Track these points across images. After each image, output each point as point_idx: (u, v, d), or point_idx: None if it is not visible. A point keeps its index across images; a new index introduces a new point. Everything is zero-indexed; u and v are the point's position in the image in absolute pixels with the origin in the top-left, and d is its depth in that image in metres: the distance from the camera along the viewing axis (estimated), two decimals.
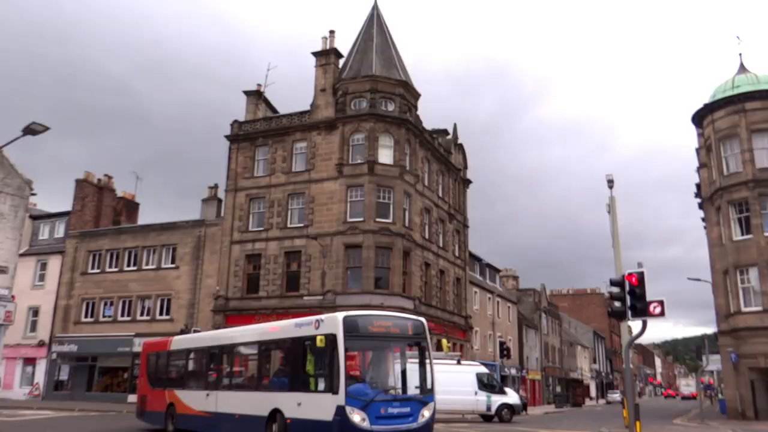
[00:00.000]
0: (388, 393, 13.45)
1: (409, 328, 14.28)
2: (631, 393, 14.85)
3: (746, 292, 31.44)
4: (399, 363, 14.55)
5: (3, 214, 21.46)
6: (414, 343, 14.37)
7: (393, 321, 14.36)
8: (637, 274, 13.22)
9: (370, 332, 13.53)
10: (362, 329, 13.40)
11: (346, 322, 13.07)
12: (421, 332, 14.36)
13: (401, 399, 13.38)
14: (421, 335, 14.34)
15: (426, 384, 14.03)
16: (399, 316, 15.40)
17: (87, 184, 44.87)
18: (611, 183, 20.56)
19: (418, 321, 14.65)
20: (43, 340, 41.59)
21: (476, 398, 30.12)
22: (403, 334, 14.11)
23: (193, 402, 18.22)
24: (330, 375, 12.93)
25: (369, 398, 12.67)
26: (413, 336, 14.28)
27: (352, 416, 12.39)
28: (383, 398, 13.01)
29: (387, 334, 13.86)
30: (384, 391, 13.46)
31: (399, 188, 35.14)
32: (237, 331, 18.86)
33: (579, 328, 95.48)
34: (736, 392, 32.12)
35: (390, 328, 13.93)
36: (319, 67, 38.47)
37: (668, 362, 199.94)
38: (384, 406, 12.87)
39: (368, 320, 13.88)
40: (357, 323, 13.41)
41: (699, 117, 35.72)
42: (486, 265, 58.37)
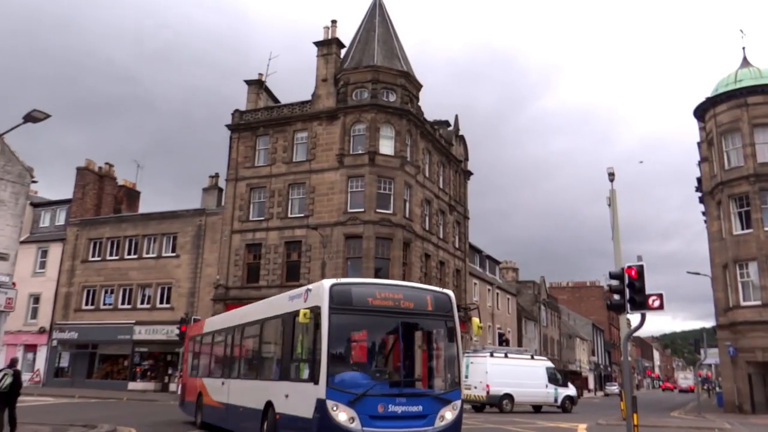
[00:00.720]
0: (392, 385, 10.56)
1: (429, 302, 11.19)
2: (629, 385, 14.90)
3: (745, 286, 31.52)
4: (413, 347, 11.82)
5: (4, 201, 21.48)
6: (436, 321, 11.43)
7: (405, 292, 11.19)
8: (637, 267, 13.23)
9: (370, 306, 10.63)
10: (358, 302, 10.59)
11: (333, 293, 10.38)
12: (447, 309, 11.34)
13: (409, 394, 10.41)
14: (446, 312, 11.30)
15: (452, 376, 11.18)
16: (414, 286, 12.32)
17: (88, 172, 44.89)
18: (612, 176, 20.57)
19: (441, 294, 11.55)
20: (43, 327, 41.77)
21: (547, 391, 32.70)
22: (419, 309, 11.07)
23: (213, 392, 16.33)
24: (312, 360, 10.39)
25: (360, 391, 9.91)
26: (434, 313, 11.23)
27: (336, 414, 9.76)
28: (382, 392, 10.16)
29: (395, 309, 10.80)
30: (387, 383, 10.64)
31: (399, 179, 35.13)
32: (251, 308, 16.01)
33: (578, 320, 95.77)
34: (733, 386, 32.26)
35: (400, 301, 10.88)
36: (321, 57, 38.38)
37: (666, 355, 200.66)
38: (383, 402, 10.04)
39: (367, 290, 10.94)
40: (350, 294, 10.61)
41: (701, 111, 35.65)
42: (486, 256, 58.46)
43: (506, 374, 30.82)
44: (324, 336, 10.03)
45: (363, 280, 12.11)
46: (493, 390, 30.29)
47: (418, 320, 11.40)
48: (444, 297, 11.52)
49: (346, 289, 10.66)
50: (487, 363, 30.94)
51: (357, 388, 10.03)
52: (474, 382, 30.61)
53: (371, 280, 13.00)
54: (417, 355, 11.88)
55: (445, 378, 11.33)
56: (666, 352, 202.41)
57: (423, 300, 11.21)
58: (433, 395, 10.78)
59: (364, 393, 9.94)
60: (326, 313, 10.16)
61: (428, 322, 11.52)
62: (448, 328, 11.36)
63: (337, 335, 10.29)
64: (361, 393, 9.93)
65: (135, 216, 43.45)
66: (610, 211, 20.30)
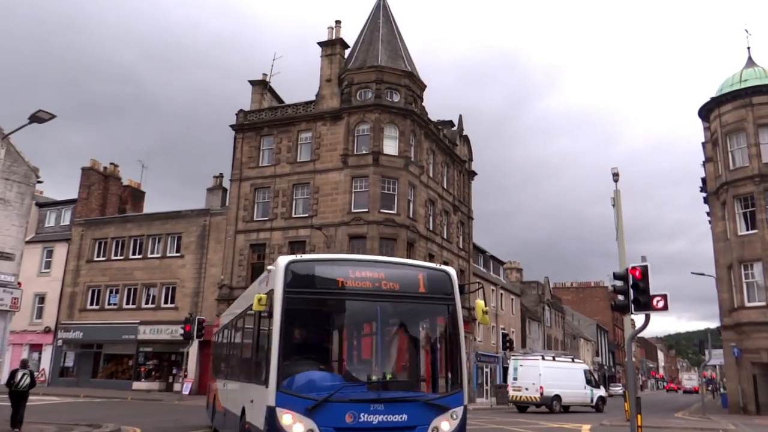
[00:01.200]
0: (368, 388, 8.09)
1: (421, 282, 8.79)
2: (633, 386, 14.90)
3: (750, 287, 31.43)
4: (400, 339, 9.32)
5: (9, 201, 21.57)
6: (431, 306, 9.03)
7: (389, 270, 8.78)
8: (641, 267, 13.22)
9: (340, 288, 8.41)
10: (323, 283, 8.41)
11: (291, 272, 8.25)
12: (445, 290, 8.90)
13: (390, 400, 7.94)
14: (445, 295, 8.87)
15: (452, 375, 8.76)
16: (402, 262, 9.98)
17: (93, 172, 45.04)
18: (616, 176, 20.54)
19: (438, 272, 9.20)
20: (48, 327, 41.92)
21: (585, 392, 34.73)
22: (407, 291, 8.74)
23: (219, 394, 14.69)
24: (266, 357, 8.33)
25: (322, 395, 7.72)
26: (428, 295, 8.84)
27: (289, 426, 7.70)
28: (353, 397, 7.86)
29: (375, 291, 8.47)
30: (361, 384, 8.15)
31: (404, 179, 35.15)
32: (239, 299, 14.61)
33: (582, 321, 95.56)
34: (738, 387, 32.17)
35: (382, 281, 8.53)
36: (325, 57, 38.43)
37: (671, 356, 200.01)
38: (354, 409, 7.77)
39: (336, 268, 8.63)
40: (312, 273, 8.42)
41: (706, 111, 35.55)
42: (490, 257, 58.41)
43: (555, 376, 32.77)
44: (275, 326, 7.92)
45: (332, 256, 9.32)
46: (546, 391, 32.14)
47: (407, 305, 8.86)
48: (442, 275, 9.03)
49: (307, 267, 8.36)
50: (540, 365, 32.77)
51: (318, 391, 7.79)
52: (525, 383, 32.63)
53: (344, 255, 10.06)
54: (405, 349, 9.32)
55: (442, 378, 8.87)
56: (670, 353, 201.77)
57: (413, 280, 8.79)
58: (424, 400, 8.24)
59: (327, 398, 7.68)
60: (279, 297, 8.04)
61: (421, 308, 9.02)
62: (448, 315, 8.85)
63: (292, 325, 8.19)
64: (324, 398, 7.68)
65: (139, 216, 43.57)
66: (614, 211, 20.27)
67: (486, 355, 50.28)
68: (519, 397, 32.94)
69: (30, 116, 18.14)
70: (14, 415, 14.56)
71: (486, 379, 50.44)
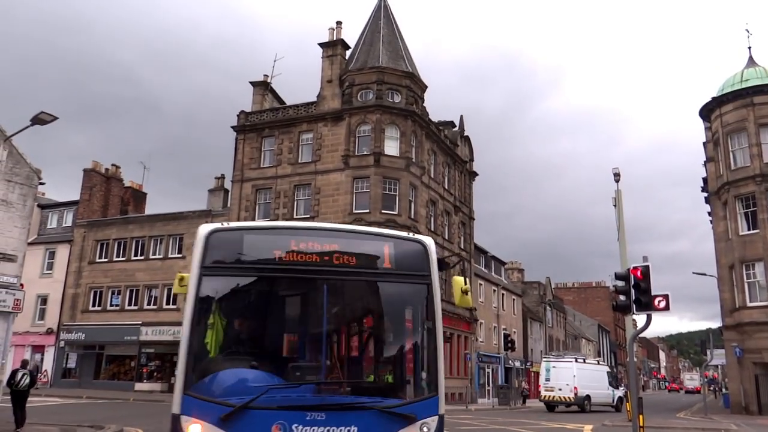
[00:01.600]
0: (306, 391, 5.96)
1: (386, 255, 6.50)
2: (635, 386, 14.90)
3: (752, 286, 31.42)
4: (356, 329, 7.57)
5: (12, 203, 21.62)
6: (399, 286, 6.62)
7: (343, 240, 6.59)
8: (642, 267, 13.22)
9: (276, 263, 6.27)
10: (253, 256, 6.28)
11: (211, 244, 6.20)
12: (418, 266, 6.54)
13: (334, 406, 5.83)
14: (418, 272, 6.51)
15: (424, 376, 6.38)
16: (362, 230, 7.26)
17: (95, 173, 45.12)
18: (617, 176, 20.59)
19: (410, 243, 6.76)
20: (51, 328, 41.98)
21: (608, 392, 36.68)
22: (367, 267, 6.51)
23: None
24: None
25: (241, 402, 5.63)
26: (395, 272, 6.53)
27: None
28: (284, 403, 5.76)
29: (323, 267, 6.30)
30: (297, 386, 5.96)
31: (405, 180, 35.18)
32: None
33: (584, 321, 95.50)
34: (740, 387, 32.15)
35: (333, 255, 6.36)
36: (326, 58, 38.48)
37: (673, 356, 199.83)
38: (283, 419, 5.69)
39: (272, 238, 6.48)
40: (240, 245, 6.31)
41: (707, 110, 35.54)
42: (491, 257, 58.42)
43: (586, 378, 34.92)
44: (187, 312, 6.10)
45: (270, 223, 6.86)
46: (579, 392, 34.07)
47: (366, 285, 6.70)
48: (414, 247, 6.62)
49: (234, 238, 6.34)
50: (574, 367, 34.84)
51: (238, 395, 5.70)
52: (558, 384, 34.57)
53: (286, 222, 8.21)
54: (361, 341, 7.48)
55: (410, 379, 6.59)
56: (672, 353, 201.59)
57: (375, 252, 6.49)
58: (382, 407, 5.90)
59: (247, 404, 5.56)
60: (194, 276, 6.13)
61: (385, 288, 6.68)
62: (422, 298, 6.45)
63: (209, 311, 6.30)
64: (244, 404, 5.56)
65: (141, 217, 43.63)
66: (615, 211, 20.31)
67: (488, 356, 50.29)
68: (552, 397, 34.82)
69: (32, 118, 18.20)
70: (16, 414, 14.78)
71: (488, 380, 50.45)
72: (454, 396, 39.80)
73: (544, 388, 35.44)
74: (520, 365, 58.35)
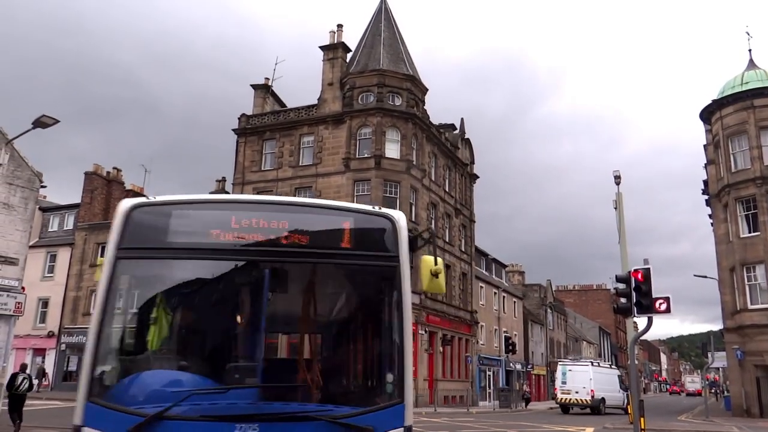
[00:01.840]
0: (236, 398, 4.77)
1: (347, 232, 5.22)
2: (636, 389, 14.91)
3: (753, 289, 31.41)
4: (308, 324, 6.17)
5: (13, 206, 21.66)
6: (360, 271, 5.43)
7: (293, 216, 5.26)
8: (643, 270, 13.25)
9: (210, 244, 5.03)
10: (182, 235, 5.12)
11: (132, 222, 5.11)
12: (386, 245, 5.18)
13: (271, 416, 4.53)
14: (384, 253, 5.16)
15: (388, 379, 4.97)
16: (316, 203, 5.72)
17: (96, 176, 45.19)
18: (618, 179, 20.60)
19: (375, 218, 5.36)
20: (52, 331, 41.99)
21: (619, 395, 37.87)
22: (322, 246, 5.16)
23: None
24: None
25: (156, 410, 4.35)
26: (357, 253, 5.20)
27: None
28: (207, 412, 4.49)
29: (269, 248, 5.08)
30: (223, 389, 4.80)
31: (405, 183, 35.22)
32: None
33: (584, 323, 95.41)
34: (741, 389, 32.11)
35: (281, 233, 5.08)
36: (327, 61, 38.55)
37: (674, 359, 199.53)
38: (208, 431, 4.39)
39: (208, 214, 5.29)
40: (167, 222, 5.13)
41: (707, 113, 35.57)
42: (492, 260, 58.42)
43: (601, 381, 36.19)
44: (98, 302, 5.00)
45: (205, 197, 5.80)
46: (596, 395, 35.13)
47: (320, 268, 5.45)
48: (381, 223, 5.28)
49: (159, 214, 5.15)
50: (591, 371, 36.14)
51: (154, 402, 4.51)
52: (575, 387, 35.56)
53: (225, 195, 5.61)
54: (310, 337, 6.38)
55: (369, 383, 5.57)
56: (673, 356, 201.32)
57: (333, 229, 5.24)
58: (331, 417, 4.59)
59: (162, 413, 4.36)
60: (109, 259, 5.06)
61: (344, 272, 5.52)
62: (388, 284, 5.15)
63: (123, 299, 5.26)
64: (158, 413, 4.37)
65: None
66: (616, 214, 20.32)
67: (488, 358, 50.25)
68: (568, 399, 35.90)
69: (34, 121, 18.23)
70: (13, 418, 15.05)
71: (489, 383, 50.40)
72: (455, 399, 39.77)
73: (561, 391, 36.59)
74: (521, 368, 58.29)
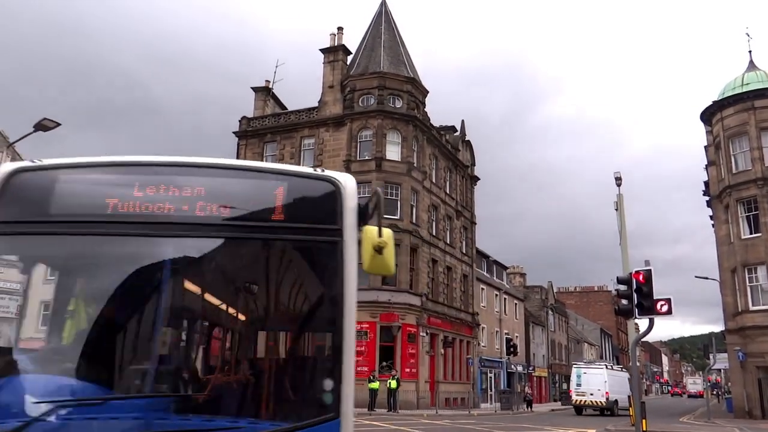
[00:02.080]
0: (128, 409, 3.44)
1: (276, 201, 3.85)
2: (638, 391, 14.91)
3: (754, 290, 31.39)
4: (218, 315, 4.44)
5: None
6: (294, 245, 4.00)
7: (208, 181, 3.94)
8: (644, 272, 13.25)
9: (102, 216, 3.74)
10: (66, 205, 3.84)
11: (10, 189, 3.87)
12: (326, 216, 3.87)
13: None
14: (324, 226, 3.85)
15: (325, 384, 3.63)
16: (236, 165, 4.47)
17: None
18: (619, 181, 20.58)
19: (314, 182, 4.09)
20: None
21: None
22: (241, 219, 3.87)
23: None
24: None
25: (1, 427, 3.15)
26: (287, 225, 3.81)
27: None
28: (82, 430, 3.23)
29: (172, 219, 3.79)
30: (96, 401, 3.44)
31: (406, 185, 35.23)
32: None
33: (586, 325, 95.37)
34: (743, 391, 32.07)
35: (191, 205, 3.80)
36: (327, 64, 38.59)
37: (675, 360, 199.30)
38: None
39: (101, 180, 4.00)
40: (51, 188, 3.88)
41: (708, 114, 35.58)
42: (493, 262, 58.40)
43: (615, 384, 37.21)
44: None
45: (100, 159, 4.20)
46: (611, 397, 36.22)
47: (239, 246, 4.14)
48: (321, 188, 4.08)
49: (43, 180, 4.04)
50: (605, 373, 37.50)
51: (5, 417, 3.39)
52: (590, 389, 36.66)
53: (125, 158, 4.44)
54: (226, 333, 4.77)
55: (298, 390, 4.01)
56: (675, 357, 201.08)
57: (260, 197, 4.02)
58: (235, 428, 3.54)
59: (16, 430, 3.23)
60: None
61: (269, 251, 4.21)
62: (326, 265, 3.92)
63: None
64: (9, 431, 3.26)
65: None
66: (617, 215, 20.30)
67: (490, 360, 50.20)
68: (583, 401, 36.93)
69: (35, 125, 18.27)
70: None
71: (490, 385, 50.35)
72: (456, 401, 39.73)
73: (576, 393, 37.73)
74: (523, 370, 58.23)
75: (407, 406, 31.43)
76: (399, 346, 33.36)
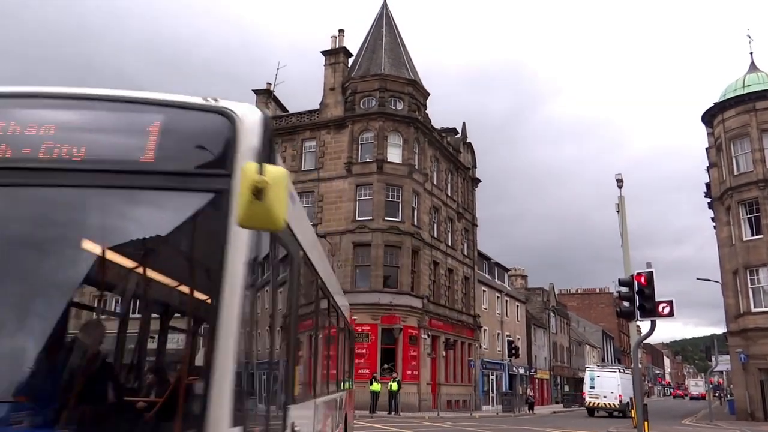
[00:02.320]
0: None
1: (151, 138, 3.03)
2: (640, 393, 14.87)
3: (756, 292, 31.35)
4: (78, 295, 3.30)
5: None
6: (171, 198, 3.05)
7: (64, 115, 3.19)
8: (646, 274, 13.22)
9: None
10: None
11: None
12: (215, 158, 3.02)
13: None
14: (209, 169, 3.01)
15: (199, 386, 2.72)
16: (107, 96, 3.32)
17: None
18: (620, 182, 20.56)
19: (203, 115, 3.16)
20: None
21: None
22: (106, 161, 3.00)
23: None
24: None
25: None
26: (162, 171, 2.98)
27: None
28: None
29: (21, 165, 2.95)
30: None
31: (408, 187, 35.23)
32: None
33: (587, 327, 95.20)
34: (745, 393, 32.02)
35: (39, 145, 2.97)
36: (329, 66, 38.61)
37: (677, 362, 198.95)
38: None
39: None
40: None
41: (709, 116, 35.56)
42: (494, 264, 58.34)
43: (627, 386, 36.40)
44: None
45: None
46: (624, 399, 36.40)
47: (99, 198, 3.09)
48: (210, 123, 3.13)
49: None
50: (618, 377, 37.93)
51: None
52: (603, 392, 37.35)
53: None
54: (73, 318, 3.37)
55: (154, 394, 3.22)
56: (677, 359, 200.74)
57: (131, 134, 3.12)
58: None
59: None
60: None
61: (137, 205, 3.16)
62: (211, 224, 2.94)
63: None
64: None
65: None
66: (618, 217, 20.28)
67: (491, 363, 50.13)
68: (596, 403, 37.50)
69: None
70: None
71: (491, 387, 50.27)
72: (458, 403, 39.69)
73: (589, 395, 38.25)
74: (524, 372, 58.14)
75: (409, 408, 31.42)
76: (400, 348, 33.37)
